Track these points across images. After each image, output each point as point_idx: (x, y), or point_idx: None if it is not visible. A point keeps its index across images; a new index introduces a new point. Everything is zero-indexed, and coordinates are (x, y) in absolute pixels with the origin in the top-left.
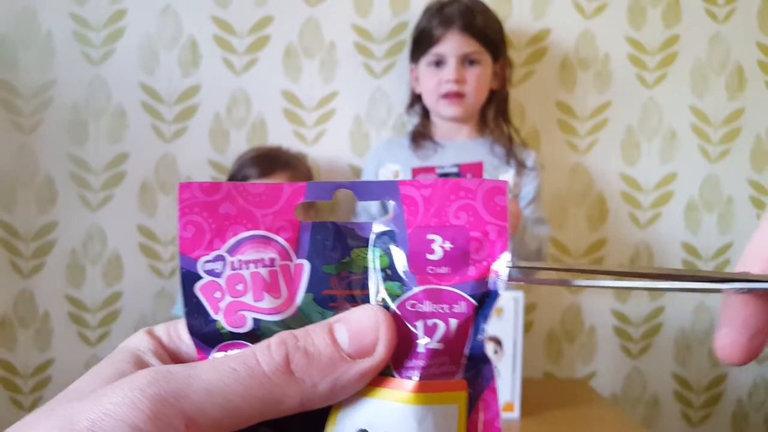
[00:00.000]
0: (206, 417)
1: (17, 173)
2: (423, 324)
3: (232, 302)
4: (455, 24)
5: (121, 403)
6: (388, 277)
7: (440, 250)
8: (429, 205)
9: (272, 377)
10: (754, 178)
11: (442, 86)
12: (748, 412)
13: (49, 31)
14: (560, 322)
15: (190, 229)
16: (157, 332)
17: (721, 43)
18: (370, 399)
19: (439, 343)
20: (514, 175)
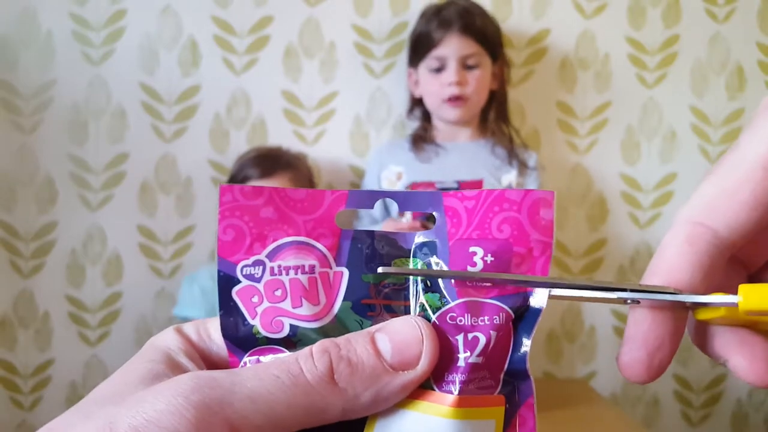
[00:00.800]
0: (249, 425)
1: (17, 173)
2: (463, 337)
3: (270, 307)
4: (454, 26)
5: (164, 410)
6: (428, 288)
7: (482, 263)
8: (472, 217)
9: (316, 386)
10: None
11: (444, 90)
12: (748, 412)
13: (49, 31)
14: (560, 322)
15: (230, 232)
16: (186, 331)
17: (721, 43)
18: (409, 411)
19: (478, 357)
20: (516, 176)
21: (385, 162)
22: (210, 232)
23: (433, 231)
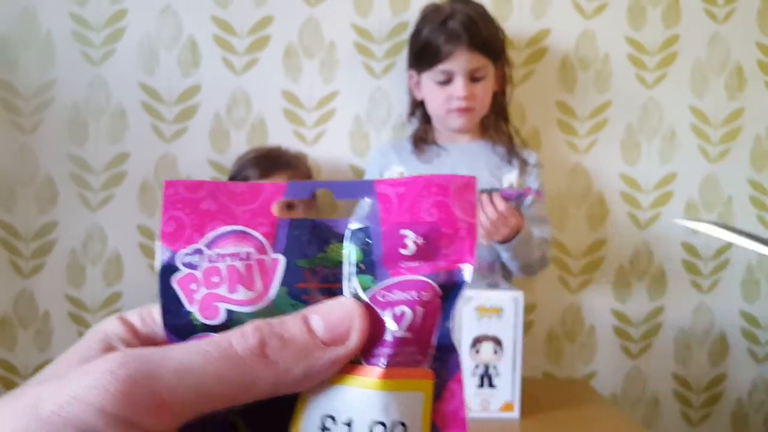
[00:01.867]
0: (178, 398)
1: (17, 173)
2: (391, 312)
3: (207, 294)
4: (462, 41)
5: (90, 386)
6: (362, 271)
7: (413, 245)
8: (403, 202)
9: (246, 359)
10: (754, 178)
11: (452, 102)
12: (748, 411)
13: (49, 31)
14: (560, 322)
15: (172, 224)
16: (130, 318)
17: (720, 43)
18: (338, 386)
19: (407, 332)
20: (517, 175)
21: (386, 162)
22: None
23: (366, 216)
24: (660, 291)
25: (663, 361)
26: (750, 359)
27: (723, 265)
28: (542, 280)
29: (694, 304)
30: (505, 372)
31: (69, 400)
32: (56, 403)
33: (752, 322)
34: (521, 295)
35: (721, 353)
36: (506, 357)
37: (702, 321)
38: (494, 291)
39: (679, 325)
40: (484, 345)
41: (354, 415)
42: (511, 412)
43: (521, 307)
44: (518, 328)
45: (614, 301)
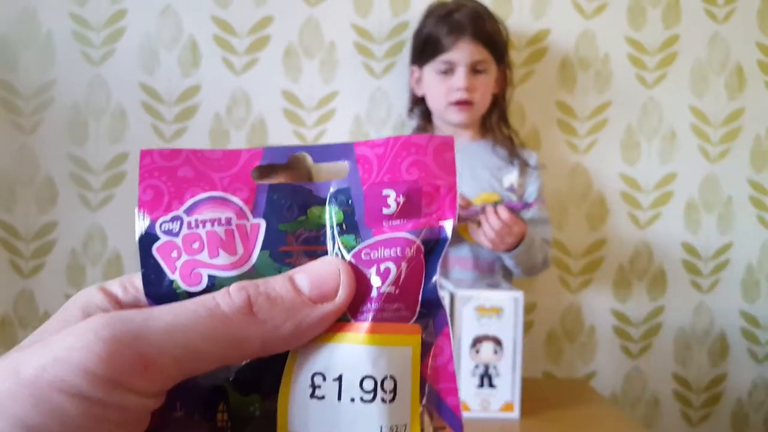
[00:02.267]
0: (166, 358)
1: (17, 173)
2: (376, 268)
3: (188, 260)
4: (466, 31)
5: (73, 347)
6: (344, 231)
7: (395, 204)
8: (383, 162)
9: (234, 318)
10: (753, 177)
11: (452, 94)
12: (748, 411)
13: (49, 31)
14: (560, 322)
15: (150, 192)
16: (110, 288)
17: (720, 43)
18: (327, 344)
19: (392, 287)
20: (518, 176)
21: None
22: None
23: (346, 178)
24: (660, 291)
25: (663, 361)
26: (750, 359)
27: (723, 265)
28: (542, 280)
29: (694, 304)
30: (505, 372)
31: (51, 362)
32: (38, 364)
33: (752, 322)
34: (521, 295)
35: (721, 353)
36: (506, 357)
37: (702, 321)
38: (494, 291)
39: (679, 325)
40: (484, 345)
41: (344, 371)
42: (511, 412)
43: (521, 307)
44: (518, 328)
45: (614, 301)
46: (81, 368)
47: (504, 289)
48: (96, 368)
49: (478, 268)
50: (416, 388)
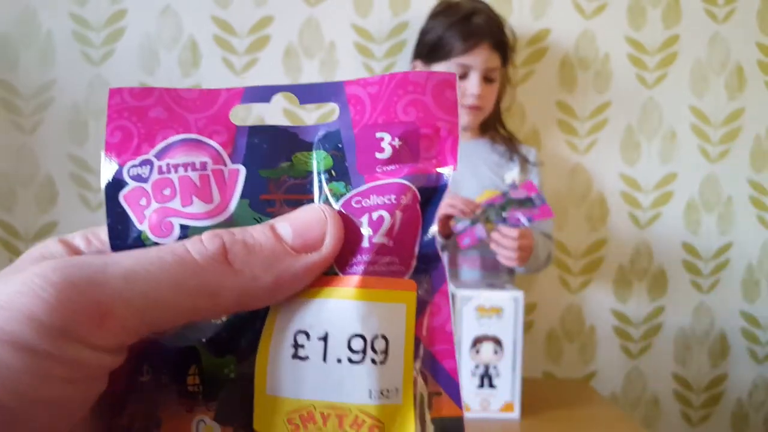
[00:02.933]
0: (127, 307)
1: (17, 173)
2: (368, 217)
3: (159, 208)
4: (486, 39)
5: (17, 291)
6: (333, 178)
7: (389, 148)
8: (376, 102)
9: (206, 266)
10: (753, 177)
11: (464, 98)
12: (748, 412)
13: (49, 31)
14: (560, 322)
15: (117, 134)
16: (72, 239)
17: (720, 43)
18: (311, 299)
19: (385, 237)
20: (518, 172)
21: None
22: None
23: (336, 121)
24: (660, 291)
25: (663, 361)
26: (750, 359)
27: (723, 265)
28: (542, 280)
29: (694, 304)
30: (505, 372)
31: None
32: None
33: (752, 322)
34: (521, 295)
35: (722, 353)
36: (506, 357)
37: (702, 321)
38: (494, 291)
39: (680, 325)
40: (484, 345)
41: (330, 328)
42: (512, 412)
43: (521, 307)
44: (518, 328)
45: (614, 301)
46: (26, 315)
47: (505, 289)
48: (44, 316)
49: (485, 267)
50: (410, 349)
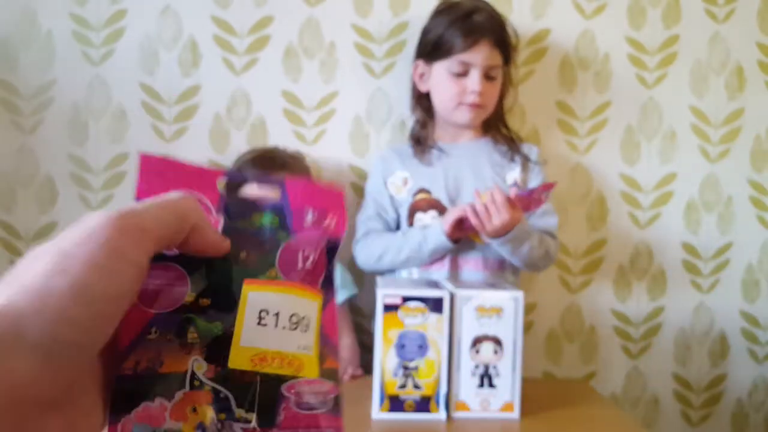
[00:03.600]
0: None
1: (17, 173)
2: (302, 254)
3: None
4: (487, 36)
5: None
6: (279, 230)
7: (311, 217)
8: (305, 192)
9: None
10: (754, 177)
11: (466, 96)
12: (748, 412)
13: (49, 31)
14: (560, 322)
15: (144, 186)
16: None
17: (720, 43)
18: (269, 292)
19: (310, 265)
20: (520, 171)
21: (389, 168)
22: None
23: (281, 200)
24: (660, 291)
25: (663, 361)
26: (750, 359)
27: (723, 265)
28: (542, 280)
29: (694, 304)
30: (505, 372)
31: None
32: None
33: (752, 322)
34: (521, 295)
35: (721, 353)
36: (506, 357)
37: (702, 321)
38: (494, 291)
39: (680, 325)
40: (484, 345)
41: (280, 309)
42: (511, 412)
43: (521, 307)
44: (518, 328)
45: (614, 301)
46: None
47: (505, 289)
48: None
49: (488, 268)
50: (317, 327)
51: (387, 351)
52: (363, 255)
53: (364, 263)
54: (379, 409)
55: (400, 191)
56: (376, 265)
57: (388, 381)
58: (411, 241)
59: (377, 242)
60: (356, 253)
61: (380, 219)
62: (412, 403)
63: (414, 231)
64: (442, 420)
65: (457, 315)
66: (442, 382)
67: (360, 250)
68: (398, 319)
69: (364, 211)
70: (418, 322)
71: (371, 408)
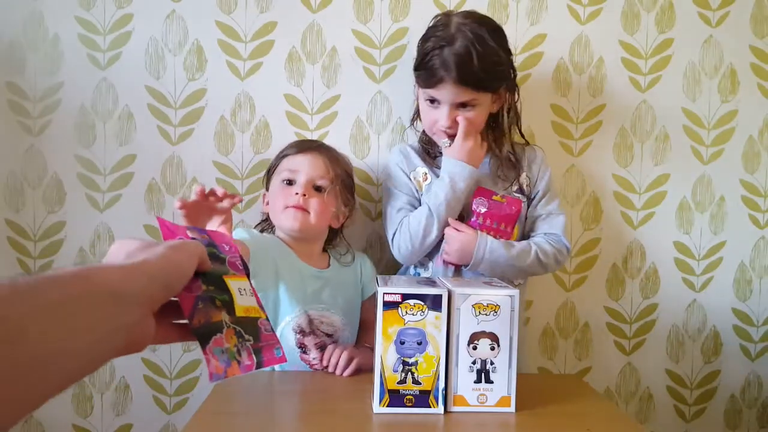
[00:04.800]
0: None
1: (26, 174)
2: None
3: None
4: (450, 75)
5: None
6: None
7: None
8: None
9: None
10: (746, 178)
11: (437, 125)
12: (741, 408)
13: (56, 35)
14: (554, 319)
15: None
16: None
17: (714, 46)
18: (234, 279)
19: (239, 264)
20: (525, 177)
21: (412, 162)
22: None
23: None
24: (653, 289)
25: (656, 357)
26: (743, 356)
27: (716, 264)
28: (538, 278)
29: (687, 302)
30: (502, 368)
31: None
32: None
33: (745, 320)
34: (517, 292)
35: (714, 350)
36: (503, 353)
37: (695, 319)
38: (491, 288)
39: (673, 322)
40: (481, 341)
41: (241, 286)
42: (508, 407)
43: (517, 304)
44: (514, 325)
45: (608, 298)
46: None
47: (501, 287)
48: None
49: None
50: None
51: (387, 347)
52: (405, 238)
53: (408, 244)
54: (379, 404)
55: (421, 186)
56: (423, 239)
57: (388, 376)
58: (441, 183)
59: (414, 217)
60: (398, 244)
61: (412, 209)
62: (412, 398)
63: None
64: (441, 414)
65: (455, 312)
66: (440, 378)
67: (401, 236)
68: (398, 316)
69: (394, 203)
70: (417, 319)
71: (372, 403)
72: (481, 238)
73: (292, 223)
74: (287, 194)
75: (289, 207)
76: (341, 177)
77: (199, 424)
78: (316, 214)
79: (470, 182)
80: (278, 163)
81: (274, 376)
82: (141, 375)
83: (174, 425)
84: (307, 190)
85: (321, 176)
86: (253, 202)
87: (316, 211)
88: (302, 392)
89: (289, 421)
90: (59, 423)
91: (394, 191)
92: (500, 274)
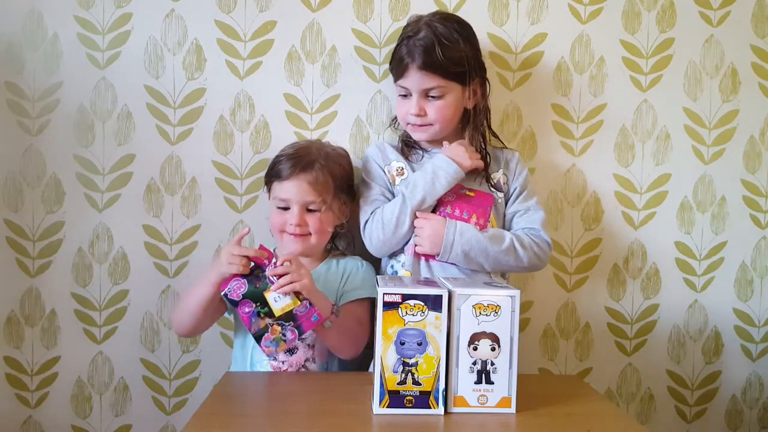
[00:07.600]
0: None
1: (25, 174)
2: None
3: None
4: (415, 62)
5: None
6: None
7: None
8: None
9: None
10: (747, 178)
11: (408, 117)
12: (742, 408)
13: (55, 35)
14: (555, 320)
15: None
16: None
17: (715, 46)
18: (271, 292)
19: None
20: (501, 175)
21: (387, 157)
22: (215, 231)
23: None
24: (654, 289)
25: (657, 358)
26: (744, 357)
27: (717, 264)
28: (538, 278)
29: (688, 303)
30: (502, 368)
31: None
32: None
33: (746, 320)
34: (518, 293)
35: (716, 351)
36: (503, 354)
37: (696, 319)
38: (491, 289)
39: (674, 323)
40: (481, 342)
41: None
42: (509, 407)
43: (518, 304)
44: (514, 326)
45: (609, 298)
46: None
47: (502, 288)
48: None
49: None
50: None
51: (387, 348)
52: (377, 227)
53: (380, 233)
54: (379, 405)
55: (395, 180)
56: (395, 228)
57: (388, 377)
58: (422, 173)
59: (388, 206)
60: (369, 234)
61: (386, 200)
62: (412, 399)
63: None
64: (441, 415)
65: (456, 312)
66: (440, 378)
67: (373, 225)
68: (398, 317)
69: (368, 194)
70: (417, 319)
71: (372, 404)
72: (450, 221)
73: (294, 247)
74: (284, 221)
75: (287, 234)
76: (333, 190)
77: (199, 425)
78: (315, 233)
79: (451, 181)
80: (271, 181)
81: (273, 376)
82: (140, 376)
83: (173, 426)
84: (301, 217)
85: (312, 201)
86: (253, 202)
87: (315, 229)
88: (302, 393)
89: (289, 421)
90: (59, 423)
91: (369, 182)
92: (475, 262)
